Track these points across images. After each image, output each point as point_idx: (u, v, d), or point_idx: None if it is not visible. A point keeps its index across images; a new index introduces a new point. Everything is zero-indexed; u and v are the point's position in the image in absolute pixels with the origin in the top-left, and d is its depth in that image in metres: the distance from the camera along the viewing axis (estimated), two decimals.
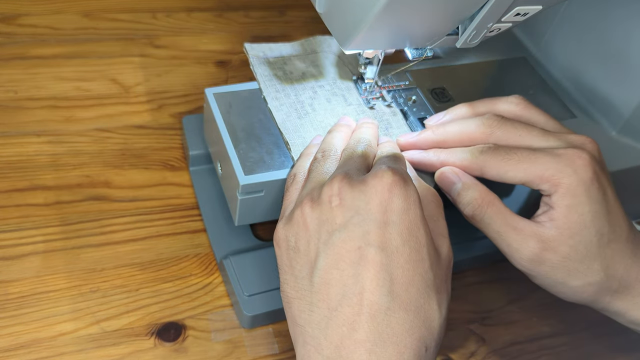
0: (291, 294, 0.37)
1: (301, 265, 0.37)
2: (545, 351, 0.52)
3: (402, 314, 0.34)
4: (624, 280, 0.41)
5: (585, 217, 0.40)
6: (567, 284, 0.41)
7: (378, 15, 0.37)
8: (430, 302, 0.36)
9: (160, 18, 0.70)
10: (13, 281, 0.47)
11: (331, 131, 0.45)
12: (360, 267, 0.35)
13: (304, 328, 0.36)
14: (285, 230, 0.39)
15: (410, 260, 0.35)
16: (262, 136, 0.47)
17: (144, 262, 0.50)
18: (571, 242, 0.40)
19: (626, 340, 0.54)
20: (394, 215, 0.36)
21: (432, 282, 0.36)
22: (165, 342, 0.46)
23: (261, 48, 0.51)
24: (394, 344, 0.34)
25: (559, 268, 0.41)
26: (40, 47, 0.64)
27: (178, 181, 0.56)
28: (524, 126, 0.44)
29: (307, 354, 0.35)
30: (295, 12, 0.75)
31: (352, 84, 0.52)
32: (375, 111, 0.51)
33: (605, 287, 0.41)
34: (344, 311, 0.34)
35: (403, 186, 0.37)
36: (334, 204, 0.37)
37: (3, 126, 0.56)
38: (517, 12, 0.40)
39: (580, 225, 0.40)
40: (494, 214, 0.42)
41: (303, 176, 0.43)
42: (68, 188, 0.53)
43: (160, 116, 0.61)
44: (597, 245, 0.40)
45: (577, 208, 0.40)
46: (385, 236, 0.35)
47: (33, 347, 0.44)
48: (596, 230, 0.40)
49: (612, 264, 0.41)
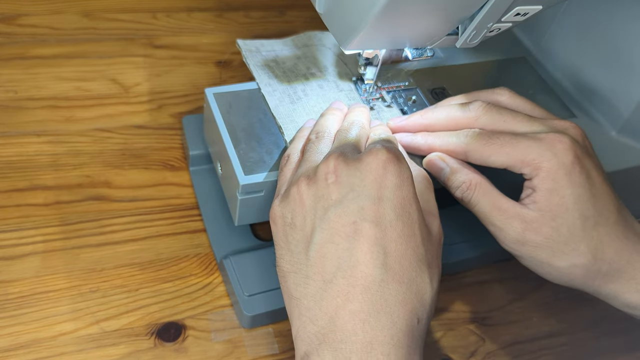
0: (287, 268, 0.38)
1: (297, 240, 0.38)
2: (545, 351, 0.52)
3: (396, 285, 0.35)
4: (615, 263, 0.42)
5: (567, 199, 0.41)
6: (552, 264, 0.42)
7: (378, 16, 0.37)
8: (422, 275, 0.37)
9: (160, 18, 0.70)
10: (13, 281, 0.47)
11: (324, 114, 0.46)
12: (355, 240, 0.36)
13: (299, 300, 0.37)
14: (281, 207, 0.40)
15: (403, 234, 0.36)
16: (262, 136, 0.48)
17: (144, 262, 0.50)
18: (553, 224, 0.41)
19: (626, 340, 0.54)
20: (388, 191, 0.37)
21: (424, 257, 0.37)
22: (165, 342, 0.46)
23: (254, 44, 0.53)
24: (388, 314, 0.35)
25: (542, 248, 0.42)
26: (40, 47, 0.64)
27: (178, 181, 0.56)
28: (509, 112, 0.45)
29: (302, 325, 0.36)
30: (295, 12, 0.75)
31: (352, 85, 0.52)
32: (375, 111, 0.51)
33: (593, 269, 0.42)
34: (339, 283, 0.35)
35: (397, 163, 0.38)
36: (329, 180, 0.38)
37: (3, 126, 0.56)
38: (517, 12, 0.40)
39: (562, 208, 0.41)
40: (481, 195, 0.43)
41: (297, 157, 0.43)
42: (68, 188, 0.53)
43: (160, 116, 0.61)
44: (581, 227, 0.41)
45: (558, 191, 0.41)
46: (379, 211, 0.36)
47: (33, 347, 0.44)
48: (580, 213, 0.41)
49: (600, 247, 0.41)
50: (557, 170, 0.41)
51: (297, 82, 0.51)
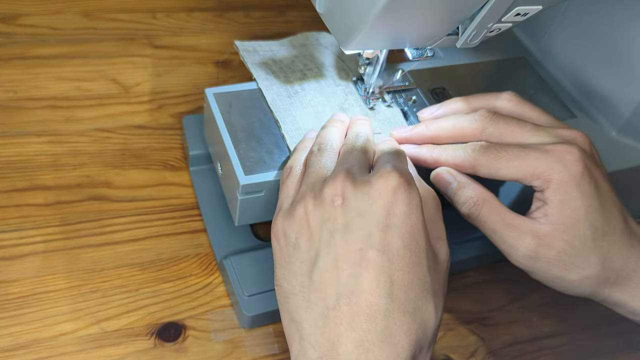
0: (288, 289, 0.37)
1: (300, 262, 0.37)
2: (545, 351, 0.52)
3: (400, 316, 0.35)
4: (622, 272, 0.41)
5: (579, 211, 0.41)
6: (565, 278, 0.42)
7: (378, 16, 0.37)
8: (427, 305, 0.36)
9: (160, 18, 0.70)
10: (13, 281, 0.47)
11: (325, 126, 0.46)
12: (361, 268, 0.35)
13: (300, 324, 0.36)
14: (285, 224, 0.39)
15: (410, 263, 0.36)
16: (262, 136, 0.48)
17: (144, 262, 0.50)
18: (565, 237, 0.41)
19: (626, 340, 0.54)
20: (397, 219, 0.36)
21: (430, 286, 0.36)
22: (165, 342, 0.46)
23: (251, 44, 0.53)
24: (392, 344, 0.34)
25: (555, 263, 0.41)
26: (40, 47, 0.64)
27: (178, 181, 0.56)
28: (516, 122, 0.44)
29: (302, 350, 0.35)
30: (295, 12, 0.75)
31: (352, 85, 0.52)
32: (375, 112, 0.51)
33: (603, 279, 0.42)
34: (342, 310, 0.35)
35: (407, 189, 0.37)
36: (336, 203, 0.37)
37: (3, 126, 0.56)
38: (517, 12, 0.40)
39: (573, 220, 0.41)
40: (489, 211, 0.42)
41: (299, 169, 0.43)
42: (68, 188, 0.53)
43: (160, 116, 0.61)
44: (591, 238, 0.41)
45: (569, 203, 0.41)
46: (387, 239, 0.35)
47: (33, 347, 0.44)
48: (590, 223, 0.41)
49: (609, 257, 0.41)
50: (567, 182, 0.40)
51: (295, 78, 0.51)
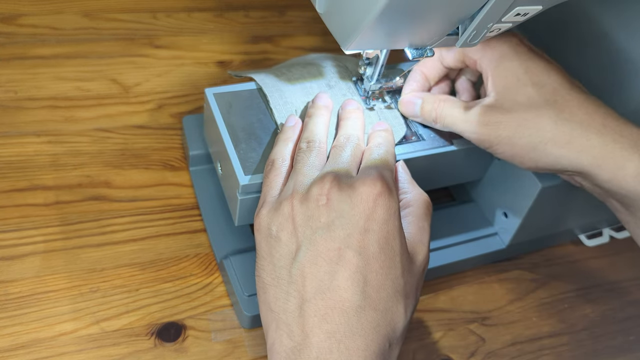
0: (268, 280, 0.39)
1: (280, 255, 0.39)
2: (545, 351, 0.52)
3: (372, 312, 0.36)
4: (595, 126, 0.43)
5: (517, 70, 0.44)
6: (523, 139, 0.44)
7: (378, 16, 0.37)
8: (397, 305, 0.38)
9: (160, 18, 0.70)
10: (13, 281, 0.47)
11: (311, 116, 0.46)
12: (338, 266, 0.37)
13: (277, 315, 0.38)
14: (269, 218, 0.40)
15: (384, 266, 0.37)
16: (262, 136, 0.48)
17: (144, 262, 0.50)
18: (510, 96, 0.44)
19: (626, 340, 0.54)
20: (375, 224, 0.38)
21: (402, 288, 0.38)
22: (165, 342, 0.46)
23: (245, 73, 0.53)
24: (362, 337, 0.36)
25: (509, 123, 0.44)
26: (40, 47, 0.64)
27: (178, 181, 0.56)
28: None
29: (278, 338, 0.37)
30: (295, 12, 0.75)
31: (352, 85, 0.52)
32: (375, 112, 0.51)
33: (558, 138, 0.43)
34: (318, 304, 0.36)
35: (387, 197, 0.39)
36: (321, 202, 0.39)
37: (3, 126, 0.56)
38: (517, 12, 0.40)
39: (513, 78, 0.44)
40: (447, 108, 0.47)
41: (281, 162, 0.43)
42: (68, 188, 0.53)
43: (160, 116, 0.61)
44: (538, 94, 0.44)
45: (505, 65, 0.45)
46: (364, 242, 0.37)
47: (33, 347, 0.44)
48: (532, 82, 0.44)
49: (566, 110, 0.43)
50: (501, 46, 0.45)
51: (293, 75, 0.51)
